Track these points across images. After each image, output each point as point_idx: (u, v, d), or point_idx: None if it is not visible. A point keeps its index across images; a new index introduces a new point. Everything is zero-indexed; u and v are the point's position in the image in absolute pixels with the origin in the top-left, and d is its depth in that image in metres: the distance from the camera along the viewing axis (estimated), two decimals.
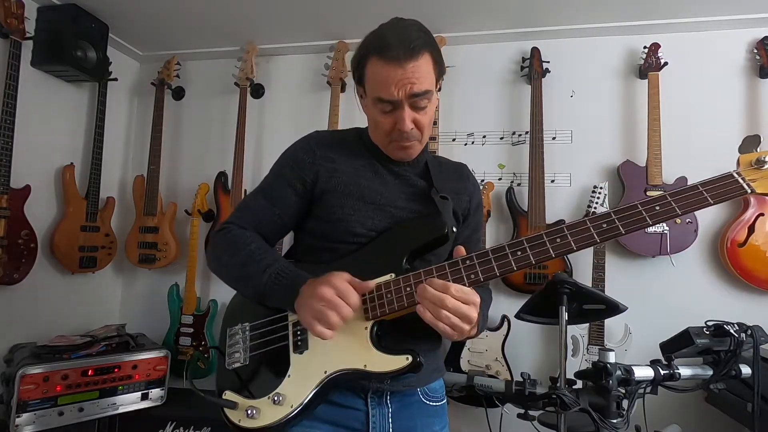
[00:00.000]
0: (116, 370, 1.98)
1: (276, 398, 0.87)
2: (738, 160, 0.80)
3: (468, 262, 0.84)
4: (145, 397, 2.05)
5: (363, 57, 0.93)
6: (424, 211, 0.98)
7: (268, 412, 0.87)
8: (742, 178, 0.76)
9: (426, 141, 1.00)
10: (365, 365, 0.84)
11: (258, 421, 0.87)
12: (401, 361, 0.83)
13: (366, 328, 0.86)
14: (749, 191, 0.75)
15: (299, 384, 0.87)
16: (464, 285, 0.83)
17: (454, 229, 0.93)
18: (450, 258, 0.88)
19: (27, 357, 1.88)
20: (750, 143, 0.84)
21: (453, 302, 0.78)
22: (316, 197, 0.98)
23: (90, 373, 1.91)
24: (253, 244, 0.95)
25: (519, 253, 0.81)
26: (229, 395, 0.92)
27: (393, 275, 0.88)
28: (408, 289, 0.85)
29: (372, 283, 0.85)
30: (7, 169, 1.97)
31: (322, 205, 0.97)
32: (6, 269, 1.99)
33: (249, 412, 0.88)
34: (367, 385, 0.93)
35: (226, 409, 0.91)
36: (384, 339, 0.88)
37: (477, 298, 0.81)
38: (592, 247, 0.81)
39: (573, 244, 0.79)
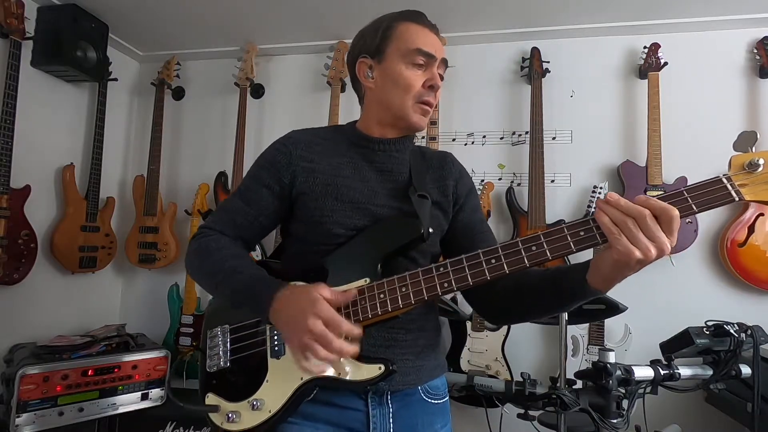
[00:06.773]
0: (116, 370, 1.98)
1: (255, 403, 0.89)
2: (730, 161, 0.71)
3: (442, 269, 0.81)
4: (145, 397, 2.04)
5: (391, 22, 0.97)
6: (405, 209, 0.95)
7: (248, 416, 0.90)
8: (731, 184, 0.69)
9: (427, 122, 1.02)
10: (339, 373, 0.85)
11: (239, 425, 0.90)
12: (374, 370, 0.84)
13: (341, 335, 0.85)
14: (737, 199, 0.68)
15: (277, 389, 0.88)
16: (437, 294, 0.81)
17: (431, 230, 0.91)
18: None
19: (27, 357, 1.88)
20: (745, 140, 0.76)
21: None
22: (294, 199, 0.96)
23: (90, 373, 1.91)
24: (224, 250, 0.93)
25: (493, 261, 0.78)
26: (211, 398, 0.94)
27: (368, 280, 0.86)
28: (382, 296, 0.83)
29: (352, 293, 0.82)
30: (7, 169, 1.96)
31: (301, 208, 0.95)
32: (6, 269, 1.99)
33: (230, 416, 0.90)
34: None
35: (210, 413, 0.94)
36: (371, 339, 0.87)
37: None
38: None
39: (548, 252, 0.75)
